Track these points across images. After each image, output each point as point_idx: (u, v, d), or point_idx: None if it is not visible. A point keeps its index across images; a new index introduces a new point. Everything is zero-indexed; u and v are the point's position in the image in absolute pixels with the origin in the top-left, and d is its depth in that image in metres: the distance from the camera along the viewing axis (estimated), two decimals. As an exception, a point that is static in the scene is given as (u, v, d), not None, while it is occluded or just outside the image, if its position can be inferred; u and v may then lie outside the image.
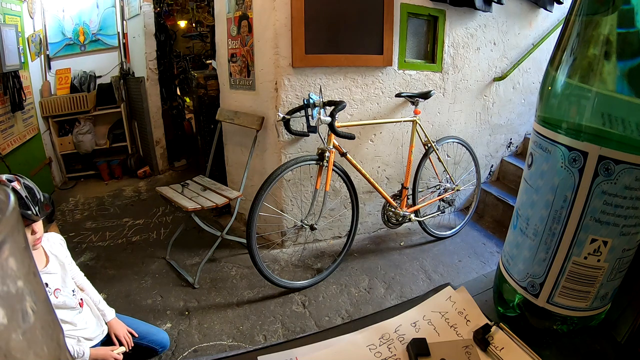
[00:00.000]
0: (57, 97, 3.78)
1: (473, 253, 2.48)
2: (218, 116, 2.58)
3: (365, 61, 2.29)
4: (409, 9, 2.34)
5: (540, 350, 0.48)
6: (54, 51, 3.91)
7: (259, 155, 2.41)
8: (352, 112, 2.35)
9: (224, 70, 2.57)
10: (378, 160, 2.56)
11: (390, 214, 2.36)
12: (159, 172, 4.11)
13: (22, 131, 3.21)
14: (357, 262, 2.37)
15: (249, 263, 2.07)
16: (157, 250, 2.50)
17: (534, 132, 0.50)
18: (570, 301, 0.47)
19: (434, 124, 2.67)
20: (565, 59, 0.45)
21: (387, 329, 0.54)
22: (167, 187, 2.32)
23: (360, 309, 1.96)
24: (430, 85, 2.57)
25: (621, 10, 0.40)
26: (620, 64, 0.40)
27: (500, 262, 0.58)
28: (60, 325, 0.20)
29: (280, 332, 1.80)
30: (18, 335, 0.15)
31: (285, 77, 2.15)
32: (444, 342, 0.51)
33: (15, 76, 2.99)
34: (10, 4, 3.09)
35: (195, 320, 1.86)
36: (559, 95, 0.46)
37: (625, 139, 0.40)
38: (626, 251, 0.44)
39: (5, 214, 0.16)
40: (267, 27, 2.12)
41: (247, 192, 2.39)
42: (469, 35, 2.63)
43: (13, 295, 0.16)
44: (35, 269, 0.18)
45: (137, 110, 4.04)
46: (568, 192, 0.44)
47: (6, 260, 0.15)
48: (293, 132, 2.09)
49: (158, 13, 4.03)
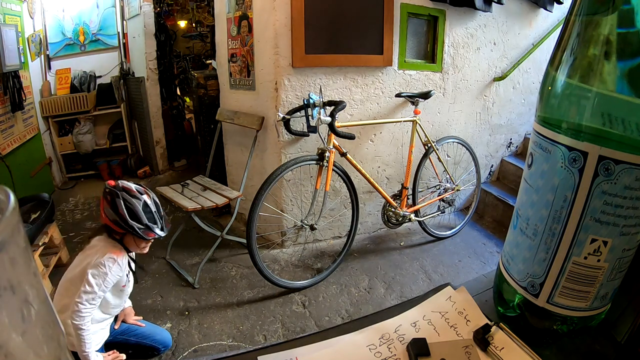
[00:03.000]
0: (57, 97, 3.78)
1: (473, 253, 2.48)
2: (218, 116, 2.58)
3: (365, 61, 2.29)
4: (409, 9, 2.34)
5: (540, 350, 0.48)
6: (54, 51, 3.91)
7: (259, 155, 2.41)
8: (352, 112, 2.35)
9: (224, 70, 2.57)
10: (378, 160, 2.56)
11: (390, 214, 2.36)
12: (159, 172, 4.11)
13: (22, 131, 3.21)
14: (357, 262, 2.36)
15: (249, 263, 2.07)
16: (157, 250, 2.50)
17: (534, 132, 0.50)
18: (570, 301, 0.47)
19: (434, 124, 2.67)
20: (565, 59, 0.45)
21: (387, 329, 0.54)
22: (167, 187, 2.32)
23: (360, 309, 1.96)
24: (430, 85, 2.57)
25: (621, 10, 0.40)
26: (620, 64, 0.40)
27: (500, 262, 0.58)
28: (60, 326, 0.20)
29: (280, 332, 1.80)
30: (18, 335, 0.15)
31: (285, 77, 2.15)
32: (444, 342, 0.51)
33: (15, 76, 2.98)
34: (10, 4, 3.09)
35: (195, 320, 1.86)
36: (559, 95, 0.46)
37: (625, 139, 0.40)
38: (626, 251, 0.44)
39: (5, 214, 0.16)
40: (267, 27, 2.12)
41: (247, 192, 2.39)
42: (469, 35, 2.63)
43: (13, 295, 0.16)
44: (35, 269, 0.18)
45: (137, 110, 4.04)
46: (568, 192, 0.44)
47: (6, 260, 0.15)
48: (293, 132, 2.09)
49: (158, 13, 4.03)
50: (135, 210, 1.23)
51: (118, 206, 1.21)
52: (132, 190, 1.25)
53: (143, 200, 1.25)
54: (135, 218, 1.23)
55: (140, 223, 1.24)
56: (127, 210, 1.22)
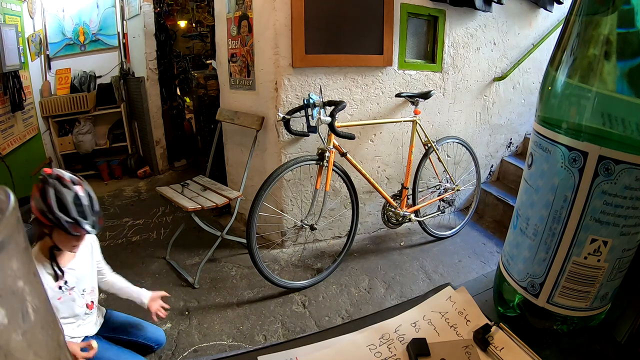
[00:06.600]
0: (57, 97, 3.78)
1: (473, 253, 2.48)
2: (218, 116, 2.58)
3: (365, 61, 2.29)
4: (409, 9, 2.34)
5: (540, 350, 0.48)
6: (54, 51, 3.91)
7: (259, 155, 2.41)
8: (352, 112, 2.35)
9: (224, 70, 2.57)
10: (378, 160, 2.56)
11: (390, 214, 2.36)
12: (159, 172, 4.11)
13: (22, 131, 3.21)
14: (357, 262, 2.36)
15: (249, 263, 2.07)
16: (157, 250, 2.50)
17: (534, 132, 0.50)
18: (570, 301, 0.47)
19: (434, 124, 2.67)
20: (565, 59, 0.45)
21: (387, 329, 0.54)
22: (167, 187, 2.32)
23: (360, 309, 1.95)
24: (430, 85, 2.58)
25: (621, 10, 0.40)
26: (620, 64, 0.40)
27: (500, 262, 0.58)
28: (60, 326, 0.20)
29: (280, 332, 1.80)
30: (18, 335, 0.15)
31: (285, 77, 2.15)
32: (444, 342, 0.51)
33: (15, 76, 2.99)
34: (10, 4, 3.09)
35: (195, 320, 1.86)
36: (559, 95, 0.46)
37: (625, 139, 0.40)
38: (626, 251, 0.44)
39: (5, 214, 0.16)
40: (267, 27, 2.12)
41: (247, 192, 2.39)
42: (469, 35, 2.63)
43: (13, 295, 0.16)
44: (35, 269, 0.18)
45: (137, 110, 4.04)
46: (568, 192, 0.44)
47: (7, 260, 0.15)
48: (293, 132, 2.09)
49: (158, 13, 4.03)
50: (65, 201, 1.10)
51: (47, 195, 1.09)
52: (64, 179, 1.13)
53: (74, 191, 1.13)
54: (64, 209, 1.10)
55: (68, 216, 1.11)
56: (56, 200, 1.10)
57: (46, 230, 1.15)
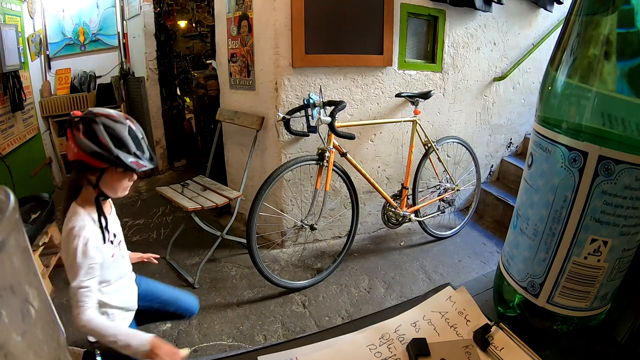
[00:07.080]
0: (57, 97, 3.78)
1: (473, 253, 2.48)
2: (218, 116, 2.58)
3: (365, 61, 2.29)
4: (409, 9, 2.34)
5: (540, 350, 0.48)
6: (54, 51, 3.91)
7: (259, 155, 2.41)
8: (352, 112, 2.35)
9: (224, 70, 2.57)
10: (378, 160, 2.56)
11: (390, 214, 2.36)
12: (159, 172, 4.11)
13: (22, 131, 3.21)
14: (357, 262, 2.36)
15: (249, 263, 2.07)
16: (157, 250, 2.49)
17: (534, 132, 0.50)
18: (570, 301, 0.47)
19: (434, 124, 2.67)
20: (565, 59, 0.45)
21: (387, 329, 0.54)
22: (167, 187, 2.32)
23: (360, 309, 1.95)
24: (430, 85, 2.57)
25: (621, 10, 0.40)
26: (620, 64, 0.40)
27: (500, 262, 0.58)
28: (60, 325, 0.20)
29: (280, 332, 1.80)
30: (18, 335, 0.15)
31: (285, 77, 2.15)
32: (444, 342, 0.51)
33: (15, 76, 2.98)
34: (10, 4, 3.09)
35: (195, 320, 1.86)
36: (559, 95, 0.46)
37: (625, 139, 0.40)
38: (626, 251, 0.44)
39: (5, 214, 0.16)
40: (267, 27, 2.12)
41: (247, 192, 2.39)
42: (469, 35, 2.63)
43: (13, 295, 0.16)
44: (35, 269, 0.18)
45: (137, 110, 4.04)
46: (568, 192, 0.44)
47: (7, 260, 0.15)
48: (293, 132, 2.09)
49: (158, 13, 4.03)
50: (121, 135, 0.98)
51: (98, 133, 0.95)
52: (112, 116, 0.99)
53: (127, 124, 1.01)
54: (122, 145, 0.98)
55: (128, 152, 0.99)
56: (110, 136, 0.96)
57: (92, 177, 1.01)
